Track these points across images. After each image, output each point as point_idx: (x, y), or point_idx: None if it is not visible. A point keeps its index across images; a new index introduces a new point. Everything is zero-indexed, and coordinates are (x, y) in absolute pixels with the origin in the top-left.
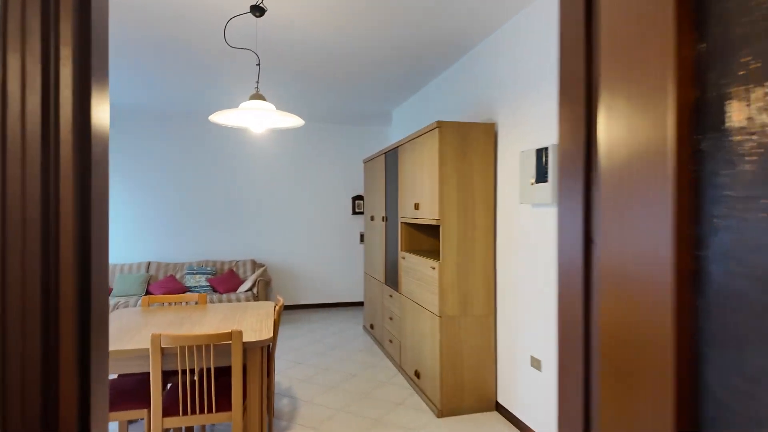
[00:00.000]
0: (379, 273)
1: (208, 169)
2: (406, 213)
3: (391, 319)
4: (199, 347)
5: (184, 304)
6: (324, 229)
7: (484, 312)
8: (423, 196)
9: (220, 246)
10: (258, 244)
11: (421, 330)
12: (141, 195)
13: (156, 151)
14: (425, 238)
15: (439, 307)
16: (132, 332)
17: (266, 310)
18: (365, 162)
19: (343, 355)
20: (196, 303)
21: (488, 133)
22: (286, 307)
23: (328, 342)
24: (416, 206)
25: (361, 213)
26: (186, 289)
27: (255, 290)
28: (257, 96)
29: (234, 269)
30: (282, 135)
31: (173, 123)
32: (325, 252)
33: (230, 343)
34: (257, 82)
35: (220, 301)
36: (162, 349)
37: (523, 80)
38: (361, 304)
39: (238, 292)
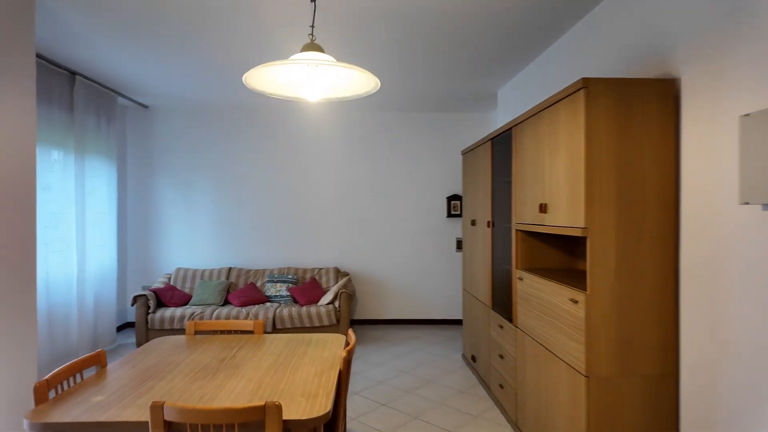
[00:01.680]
0: (483, 293)
1: (291, 171)
2: (524, 217)
3: (501, 357)
4: (218, 427)
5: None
6: (414, 234)
7: (657, 370)
8: (554, 193)
9: (302, 252)
10: (342, 250)
11: (551, 387)
12: (223, 197)
13: (238, 152)
14: (554, 253)
15: (585, 360)
16: (148, 381)
17: (332, 352)
18: (464, 153)
19: (438, 395)
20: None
21: (665, 94)
22: (370, 322)
23: (419, 374)
24: (542, 208)
25: (458, 215)
26: (266, 299)
27: (337, 303)
28: (312, 46)
29: (316, 278)
30: (366, 130)
31: (256, 122)
32: (416, 260)
33: (263, 419)
34: (312, 26)
35: (299, 316)
36: (167, 423)
37: (730, 3)
38: (458, 322)
39: (319, 304)
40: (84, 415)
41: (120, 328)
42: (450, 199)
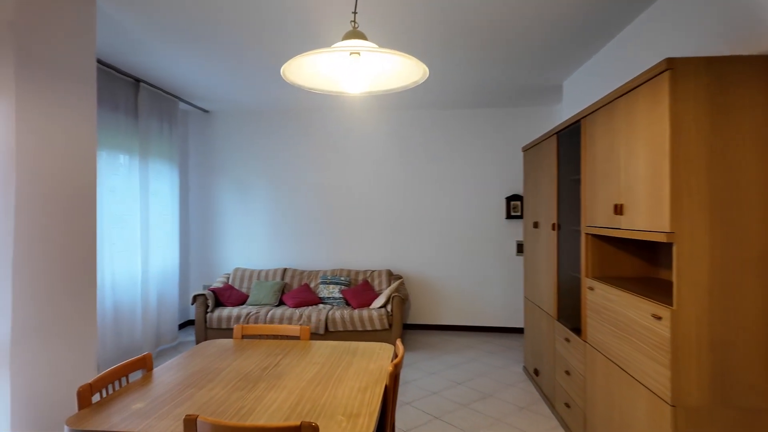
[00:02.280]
0: (547, 302)
1: (343, 172)
2: (595, 219)
3: (567, 373)
4: None
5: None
6: (471, 237)
7: (761, 404)
8: (631, 192)
9: (355, 253)
10: (394, 252)
11: (626, 412)
12: (279, 198)
13: (292, 153)
14: (630, 261)
15: (671, 386)
16: (189, 389)
17: (379, 365)
18: (525, 150)
19: (496, 410)
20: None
21: None
22: (423, 327)
23: (475, 386)
24: (617, 209)
25: (518, 217)
26: (319, 301)
27: (389, 308)
28: (355, 34)
29: (369, 280)
30: (419, 129)
31: (309, 124)
32: (473, 264)
33: None
34: (354, 12)
35: (351, 319)
36: None
37: None
38: (518, 331)
39: (371, 308)
40: (121, 423)
41: (182, 326)
42: (510, 199)
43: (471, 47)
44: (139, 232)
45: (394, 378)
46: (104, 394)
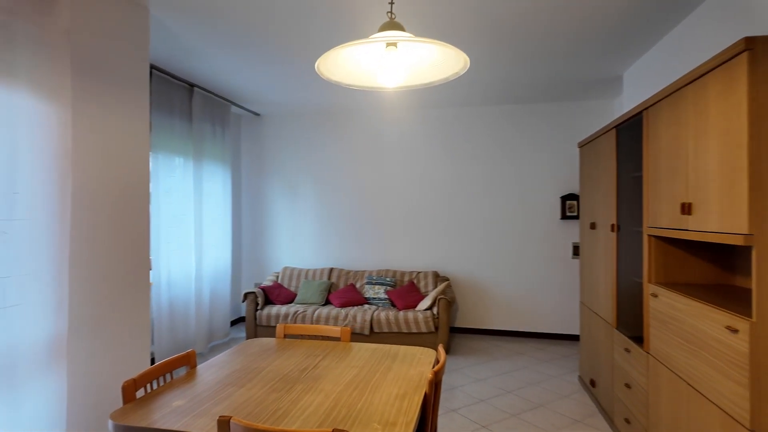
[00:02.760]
0: (606, 309)
1: (389, 172)
2: (659, 220)
3: (628, 386)
4: None
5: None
6: (523, 238)
7: None
8: (701, 189)
9: (401, 254)
10: (441, 253)
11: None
12: (326, 199)
13: (338, 154)
14: (700, 265)
15: (751, 408)
16: (228, 388)
17: (419, 371)
18: (581, 146)
19: (549, 422)
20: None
21: None
22: (471, 331)
23: (526, 395)
24: (684, 209)
25: (575, 217)
26: (365, 301)
27: (435, 310)
28: (391, 25)
29: (414, 281)
30: (467, 127)
31: (355, 124)
32: (525, 266)
33: None
34: (391, 2)
35: (396, 320)
36: None
37: None
38: (574, 338)
39: (416, 309)
40: (161, 420)
41: (234, 323)
42: (565, 198)
43: (522, 38)
44: (193, 232)
45: (435, 386)
46: (149, 389)
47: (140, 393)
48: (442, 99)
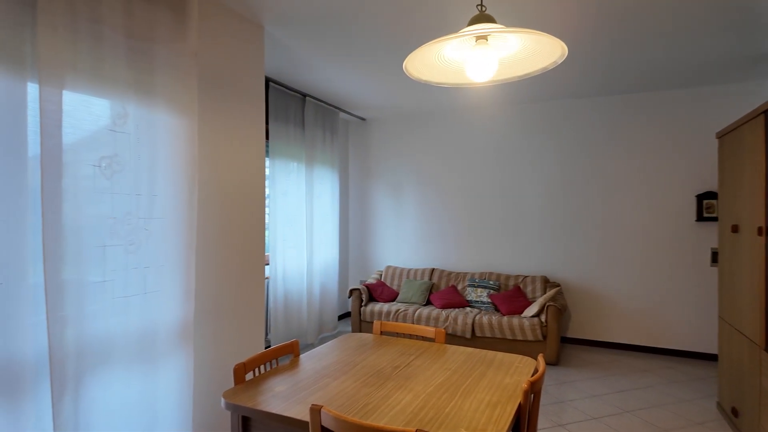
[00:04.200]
0: (750, 326)
1: (493, 172)
2: None
3: None
4: None
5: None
6: (649, 242)
7: None
8: None
9: (505, 257)
10: (551, 257)
11: None
12: (428, 200)
13: (440, 155)
14: None
15: None
16: (325, 379)
17: (516, 380)
18: (720, 137)
19: None
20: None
21: None
22: (585, 342)
23: (649, 418)
24: None
25: (713, 219)
26: (467, 304)
27: (543, 317)
28: (482, 18)
29: (521, 286)
30: (579, 121)
31: (456, 124)
32: (650, 273)
33: None
34: None
35: (500, 326)
36: (324, 429)
37: None
38: (710, 358)
39: (522, 316)
40: (263, 403)
41: (341, 317)
42: (701, 197)
43: (642, 12)
44: (305, 231)
45: (531, 396)
46: (257, 373)
47: (249, 376)
48: (547, 91)
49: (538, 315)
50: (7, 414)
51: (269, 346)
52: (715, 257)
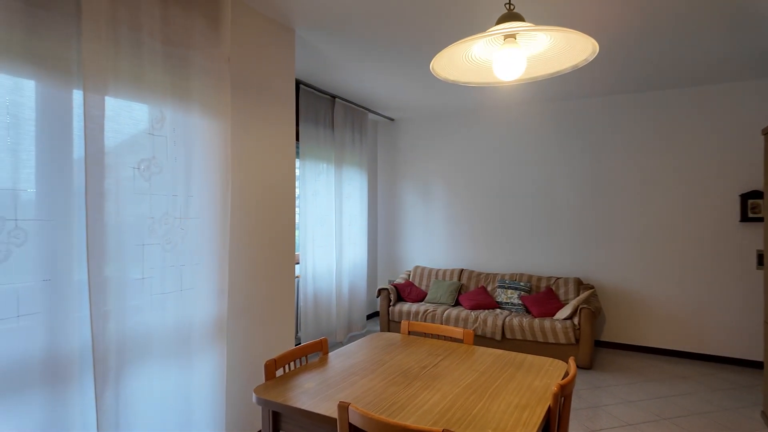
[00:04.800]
0: None
1: (522, 171)
2: None
3: None
4: None
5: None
6: (690, 243)
7: None
8: None
9: (537, 258)
10: (584, 259)
11: None
12: (456, 200)
13: (468, 154)
14: None
15: None
16: (353, 377)
17: (545, 383)
18: (767, 133)
19: None
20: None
21: None
22: (620, 346)
23: (689, 426)
24: None
25: (758, 219)
26: (497, 305)
27: (576, 320)
28: (511, 16)
29: (553, 288)
30: (611, 118)
31: (483, 124)
32: (691, 276)
33: None
34: None
35: (531, 328)
36: (351, 426)
37: None
38: (755, 365)
39: (554, 318)
40: (293, 399)
41: (370, 317)
42: (746, 197)
43: (697, 6)
44: (334, 231)
45: (562, 399)
46: (287, 369)
47: (279, 372)
48: (581, 88)
49: (570, 317)
50: (55, 402)
51: (299, 344)
52: (761, 259)
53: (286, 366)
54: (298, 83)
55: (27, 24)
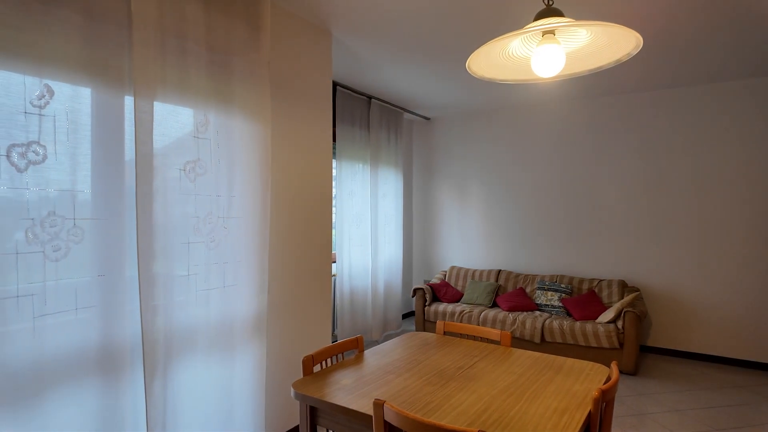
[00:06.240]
0: None
1: (562, 170)
2: None
3: None
4: None
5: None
6: (748, 245)
7: None
8: None
9: (578, 260)
10: (629, 261)
11: None
12: (494, 199)
13: (502, 153)
14: None
15: None
16: (388, 375)
17: (586, 387)
18: None
19: None
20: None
21: None
22: (668, 352)
23: None
24: None
25: None
26: (535, 307)
27: (620, 324)
28: (550, 11)
29: (595, 290)
30: (654, 116)
31: (522, 121)
32: (749, 279)
33: None
34: None
35: (572, 331)
36: (386, 424)
37: None
38: None
39: (597, 321)
40: (330, 395)
41: (405, 316)
42: None
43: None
44: (370, 229)
45: (603, 405)
46: (324, 365)
47: (317, 368)
48: (624, 84)
49: (614, 321)
50: (108, 389)
51: (336, 341)
52: None
53: (323, 362)
54: (334, 85)
55: (84, 36)
